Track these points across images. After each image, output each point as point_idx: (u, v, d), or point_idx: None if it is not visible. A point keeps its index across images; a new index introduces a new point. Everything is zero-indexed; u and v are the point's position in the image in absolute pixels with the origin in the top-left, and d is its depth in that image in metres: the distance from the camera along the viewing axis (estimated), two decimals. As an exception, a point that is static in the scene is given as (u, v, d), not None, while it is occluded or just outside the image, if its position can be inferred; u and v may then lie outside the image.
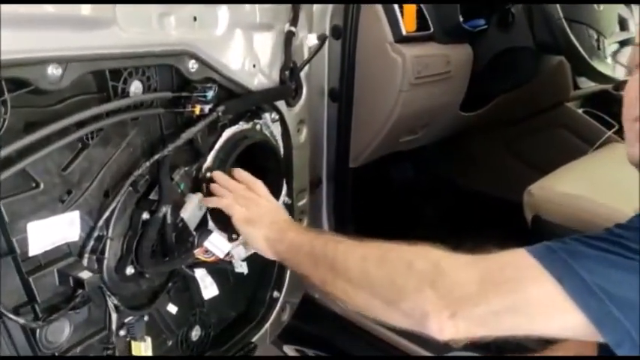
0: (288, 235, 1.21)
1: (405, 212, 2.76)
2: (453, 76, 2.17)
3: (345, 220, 2.26)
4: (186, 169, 1.45)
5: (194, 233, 1.48)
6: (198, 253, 1.37)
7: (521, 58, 2.23)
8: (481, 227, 2.28)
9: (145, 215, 1.34)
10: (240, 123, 1.61)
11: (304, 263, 1.14)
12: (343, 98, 2.04)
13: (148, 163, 1.34)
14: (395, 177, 2.71)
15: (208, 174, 1.53)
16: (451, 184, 3.06)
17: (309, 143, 1.77)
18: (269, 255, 1.26)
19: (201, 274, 1.47)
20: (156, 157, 1.35)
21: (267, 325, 1.85)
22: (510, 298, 0.81)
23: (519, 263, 0.81)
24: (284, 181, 1.65)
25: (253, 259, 1.66)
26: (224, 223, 1.35)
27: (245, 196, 1.35)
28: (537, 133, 2.61)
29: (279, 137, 1.65)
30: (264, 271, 1.70)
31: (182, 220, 1.43)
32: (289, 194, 1.69)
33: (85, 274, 1.16)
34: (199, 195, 1.51)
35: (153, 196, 1.38)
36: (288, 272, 1.83)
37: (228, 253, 1.44)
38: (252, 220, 1.28)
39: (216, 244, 1.37)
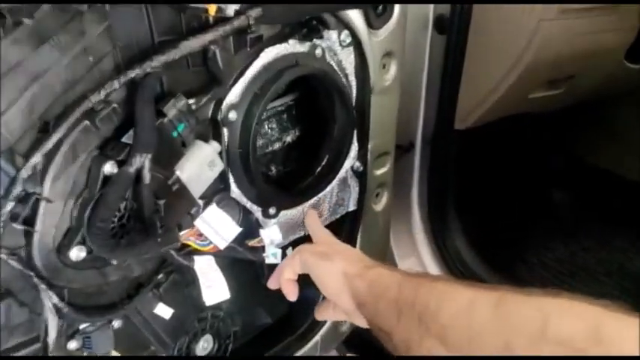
0: (371, 272, 0.84)
1: (523, 195, 2.02)
2: (621, 8, 1.42)
3: (443, 200, 1.64)
4: (191, 102, 0.85)
5: (199, 203, 0.89)
6: (187, 235, 0.77)
7: None
8: (621, 221, 1.60)
9: (109, 168, 0.76)
10: (290, 42, 1.01)
11: (385, 313, 0.76)
12: (455, 29, 1.45)
13: (116, 83, 0.75)
14: (514, 148, 1.95)
15: (231, 115, 0.92)
16: (584, 164, 2.24)
17: (399, 89, 1.25)
18: (343, 298, 0.86)
19: (202, 266, 0.88)
20: (131, 73, 0.76)
21: (318, 337, 1.25)
22: None
23: None
24: (354, 139, 1.19)
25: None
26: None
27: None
28: None
29: (351, 72, 1.15)
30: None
31: (178, 180, 0.83)
32: (362, 158, 1.20)
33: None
34: (213, 145, 0.91)
35: (126, 138, 0.79)
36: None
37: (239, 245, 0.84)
38: (327, 253, 0.92)
39: (215, 224, 0.77)
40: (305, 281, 0.91)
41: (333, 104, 1.14)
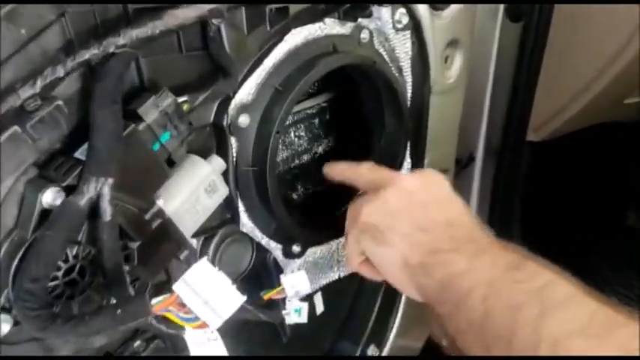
0: (440, 263, 0.56)
1: (597, 217, 1.69)
2: None
3: (506, 225, 1.36)
4: (183, 100, 0.56)
5: (192, 245, 0.60)
6: (164, 303, 0.47)
7: None
8: None
9: (50, 197, 0.48)
10: (327, 21, 0.75)
11: (468, 336, 0.52)
12: (534, 16, 1.13)
13: (61, 69, 0.46)
14: (592, 161, 1.62)
15: (242, 119, 0.63)
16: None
17: (464, 89, 1.01)
18: (412, 293, 0.61)
19: (195, 336, 0.58)
20: (86, 54, 0.47)
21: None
22: None
23: None
24: (406, 150, 0.90)
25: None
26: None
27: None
28: None
29: (406, 64, 0.87)
30: (351, 308, 1.00)
31: (160, 213, 0.54)
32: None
33: None
34: (215, 161, 0.62)
35: (81, 153, 0.50)
36: (401, 308, 1.03)
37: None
38: (383, 232, 0.61)
39: (205, 291, 0.47)
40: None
41: (382, 106, 0.86)
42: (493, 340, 0.48)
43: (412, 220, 0.60)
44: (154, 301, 0.53)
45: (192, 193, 0.65)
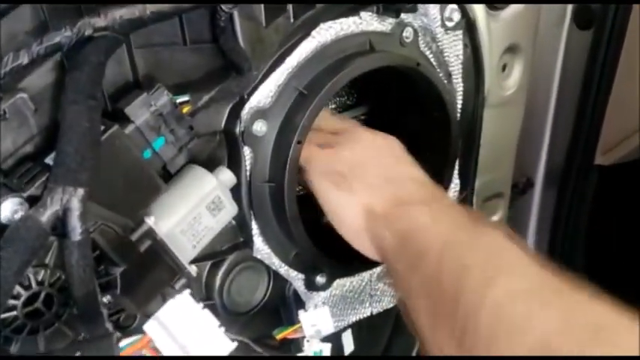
0: (406, 214, 0.55)
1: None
2: None
3: (568, 260, 1.19)
4: (182, 99, 0.44)
5: (189, 271, 0.48)
6: (134, 347, 0.35)
7: None
8: None
9: (8, 209, 0.39)
10: (363, 15, 0.63)
11: (418, 301, 0.51)
12: (606, 24, 0.96)
13: (25, 54, 0.35)
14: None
15: (258, 126, 0.51)
16: None
17: (524, 103, 0.87)
18: (364, 245, 0.60)
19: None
20: (56, 36, 0.36)
21: None
22: None
23: None
24: (453, 169, 0.76)
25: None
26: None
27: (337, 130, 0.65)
28: None
29: (456, 70, 0.73)
30: (386, 347, 0.87)
31: (150, 234, 0.42)
32: (465, 198, 0.80)
33: None
34: (223, 174, 0.51)
35: (51, 159, 0.39)
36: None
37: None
38: (345, 176, 0.59)
39: (182, 334, 0.34)
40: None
41: (426, 119, 0.71)
42: (441, 304, 0.47)
43: (380, 171, 0.59)
44: (123, 343, 0.41)
45: (192, 210, 0.53)
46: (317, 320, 0.64)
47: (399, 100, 0.77)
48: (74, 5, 0.46)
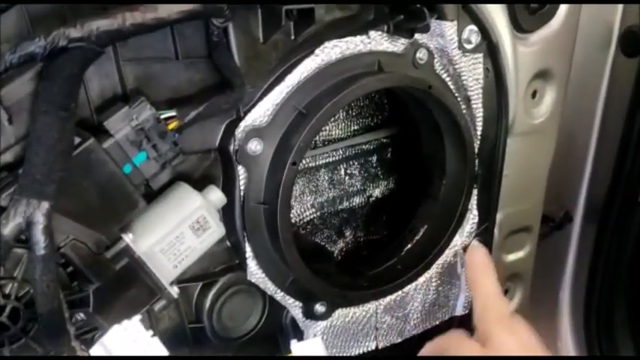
0: None
1: None
2: None
3: (609, 304, 1.12)
4: (168, 114, 0.42)
5: (170, 293, 0.45)
6: None
7: None
8: None
9: None
10: (372, 34, 0.60)
11: None
12: None
13: None
14: None
15: (253, 145, 0.48)
16: None
17: (556, 132, 0.80)
18: None
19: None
20: (30, 46, 0.35)
21: None
22: None
23: None
24: (473, 203, 0.73)
25: None
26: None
27: None
28: None
29: (476, 95, 0.68)
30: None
31: (127, 251, 0.39)
32: (483, 234, 0.75)
33: None
34: (212, 194, 0.49)
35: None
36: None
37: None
38: None
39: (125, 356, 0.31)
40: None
41: (442, 144, 0.66)
42: None
43: None
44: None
45: (174, 229, 0.51)
46: (310, 351, 0.59)
47: (416, 124, 0.72)
48: (59, 15, 0.44)
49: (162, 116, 0.49)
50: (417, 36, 0.62)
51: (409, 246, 0.73)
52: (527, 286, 0.90)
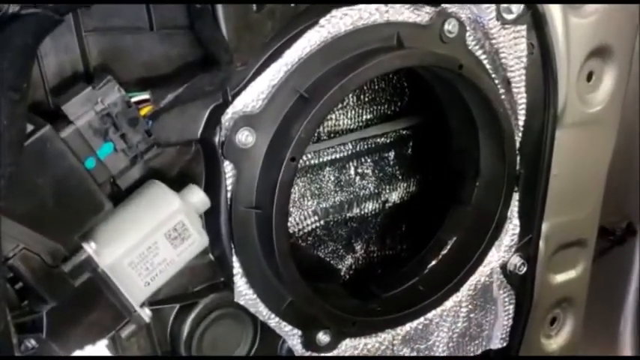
0: None
1: None
2: None
3: None
4: (141, 97, 0.45)
5: (141, 316, 0.47)
6: None
7: None
8: None
9: None
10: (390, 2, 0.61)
11: None
12: None
13: None
14: None
15: (243, 136, 0.55)
16: None
17: (616, 124, 0.85)
18: None
19: None
20: None
21: None
22: None
23: None
24: (513, 210, 0.76)
25: None
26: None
27: None
28: None
29: (518, 76, 0.71)
30: None
31: (87, 264, 0.42)
32: (525, 249, 0.79)
33: None
34: (193, 195, 0.56)
35: None
36: None
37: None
38: None
39: None
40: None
41: (475, 138, 0.72)
42: None
43: None
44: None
45: (146, 238, 0.53)
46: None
47: (444, 112, 0.74)
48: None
49: (133, 99, 0.51)
50: (444, 5, 0.64)
51: (434, 262, 0.76)
52: (581, 314, 0.94)
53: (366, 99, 0.76)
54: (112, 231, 0.52)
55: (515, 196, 0.75)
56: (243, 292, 0.63)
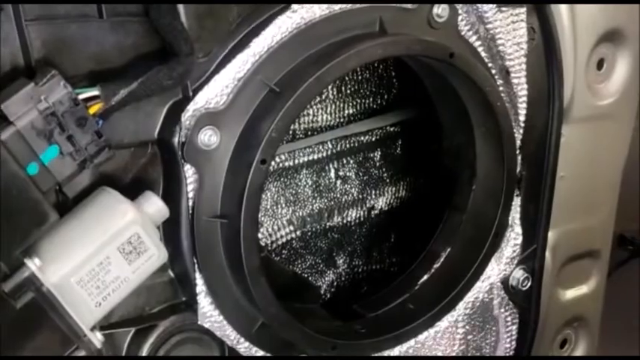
0: None
1: None
2: None
3: None
4: (90, 94, 0.49)
5: (94, 341, 0.51)
6: None
7: None
8: None
9: None
10: None
11: None
12: None
13: None
14: None
15: (206, 136, 0.60)
16: None
17: (632, 120, 0.90)
18: None
19: None
20: None
21: None
22: None
23: None
24: (515, 216, 0.81)
25: None
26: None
27: None
28: None
29: (517, 65, 0.76)
30: None
31: (30, 283, 0.49)
32: (529, 261, 0.83)
33: None
34: (151, 203, 0.60)
35: None
36: None
37: None
38: None
39: None
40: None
41: (470, 136, 0.76)
42: None
43: None
44: None
45: (97, 253, 0.56)
46: None
47: (435, 106, 0.78)
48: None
49: (81, 96, 0.54)
50: (433, -15, 0.68)
51: (426, 277, 0.79)
52: (594, 335, 0.97)
53: (348, 91, 0.79)
54: (59, 245, 0.55)
55: (517, 201, 0.78)
56: (208, 313, 0.66)
